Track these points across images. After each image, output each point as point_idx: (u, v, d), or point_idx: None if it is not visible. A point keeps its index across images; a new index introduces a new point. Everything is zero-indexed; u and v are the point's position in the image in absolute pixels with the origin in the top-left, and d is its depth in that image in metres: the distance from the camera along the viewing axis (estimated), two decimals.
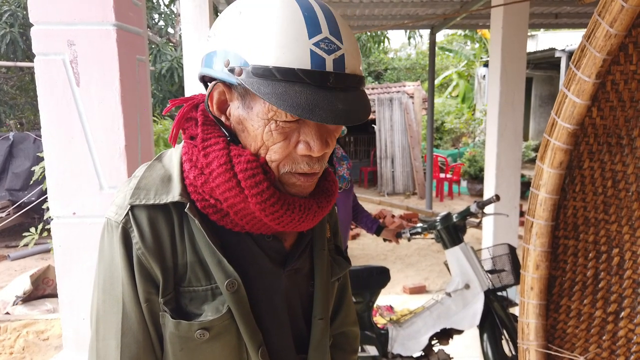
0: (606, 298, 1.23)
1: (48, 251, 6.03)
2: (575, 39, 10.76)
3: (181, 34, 5.46)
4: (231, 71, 0.66)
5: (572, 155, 1.23)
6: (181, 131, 0.78)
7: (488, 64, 5.51)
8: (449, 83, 15.71)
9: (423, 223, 2.67)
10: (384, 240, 2.88)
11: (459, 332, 2.56)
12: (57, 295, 1.63)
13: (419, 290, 4.59)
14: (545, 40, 12.74)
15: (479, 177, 9.25)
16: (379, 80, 18.18)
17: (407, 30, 12.29)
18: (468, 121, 12.48)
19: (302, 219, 0.72)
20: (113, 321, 0.74)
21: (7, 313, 4.11)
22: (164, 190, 0.73)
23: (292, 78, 0.63)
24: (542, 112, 13.49)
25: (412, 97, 10.52)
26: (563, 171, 1.23)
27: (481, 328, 2.45)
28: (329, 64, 0.64)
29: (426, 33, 10.38)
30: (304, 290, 0.86)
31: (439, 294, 2.65)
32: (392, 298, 4.39)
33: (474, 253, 2.53)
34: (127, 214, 0.72)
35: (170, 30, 11.01)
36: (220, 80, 0.70)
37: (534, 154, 11.12)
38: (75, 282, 1.57)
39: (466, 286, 2.46)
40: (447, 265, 2.59)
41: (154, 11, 10.94)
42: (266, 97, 0.62)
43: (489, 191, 3.82)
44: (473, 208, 2.51)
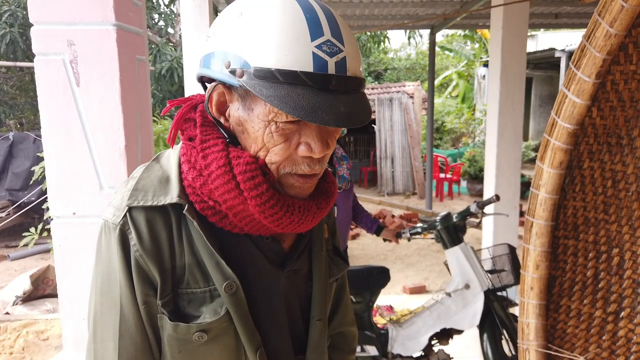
0: (606, 298, 1.23)
1: (48, 251, 6.03)
2: (575, 39, 10.76)
3: (181, 34, 5.47)
4: (232, 73, 0.65)
5: (572, 155, 1.23)
6: (179, 132, 0.78)
7: (488, 64, 5.51)
8: (448, 83, 15.71)
9: (423, 223, 2.68)
10: (384, 240, 2.88)
11: (459, 332, 2.56)
12: (57, 295, 1.63)
13: (419, 290, 4.59)
14: (545, 40, 12.74)
15: (479, 177, 9.25)
16: (379, 80, 18.18)
17: (407, 30, 12.29)
18: (468, 121, 12.48)
19: (302, 220, 0.72)
20: (110, 323, 0.73)
21: (7, 313, 4.11)
22: (162, 192, 0.73)
23: (295, 80, 0.62)
24: (542, 112, 13.49)
25: (412, 97, 10.52)
26: (563, 171, 1.23)
27: (481, 328, 2.45)
28: (331, 66, 0.64)
29: (426, 33, 10.38)
30: (302, 291, 0.86)
31: (439, 294, 2.65)
32: (392, 298, 4.39)
33: (474, 253, 2.53)
34: (125, 216, 0.71)
35: (170, 30, 11.02)
36: (220, 82, 0.69)
37: (534, 154, 11.12)
38: (75, 282, 1.57)
39: (466, 286, 2.46)
40: (447, 265, 2.59)
41: (154, 11, 10.94)
42: (268, 100, 0.62)
43: (489, 191, 3.82)
44: (473, 208, 2.51)
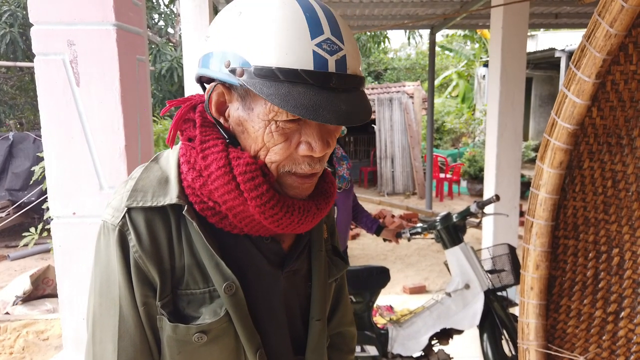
0: (606, 298, 1.23)
1: (48, 251, 6.03)
2: (575, 39, 10.76)
3: (181, 34, 5.47)
4: (232, 72, 0.65)
5: (572, 155, 1.23)
6: (179, 133, 0.77)
7: (488, 64, 5.51)
8: (448, 83, 15.71)
9: (423, 223, 2.68)
10: (384, 240, 2.88)
11: (459, 332, 2.56)
12: (57, 295, 1.63)
13: (419, 290, 4.59)
14: (545, 40, 12.74)
15: (479, 177, 9.25)
16: (378, 80, 18.17)
17: (407, 30, 12.29)
18: (468, 121, 12.49)
19: (302, 221, 0.72)
20: (110, 324, 0.73)
21: (7, 313, 4.11)
22: (161, 192, 0.73)
23: (295, 79, 0.62)
24: (542, 112, 13.49)
25: (412, 97, 10.52)
26: (563, 171, 1.23)
27: (481, 328, 2.45)
28: (332, 64, 0.64)
29: (426, 33, 10.37)
30: (301, 291, 0.86)
31: (439, 294, 2.65)
32: (392, 298, 4.39)
33: (474, 253, 2.54)
34: (124, 217, 0.71)
35: (170, 30, 11.02)
36: (219, 81, 0.69)
37: (534, 154, 11.12)
38: (75, 282, 1.57)
39: (466, 286, 2.46)
40: (447, 265, 2.59)
41: (154, 11, 10.95)
42: (269, 98, 0.62)
43: (489, 191, 3.82)
44: (473, 208, 2.51)
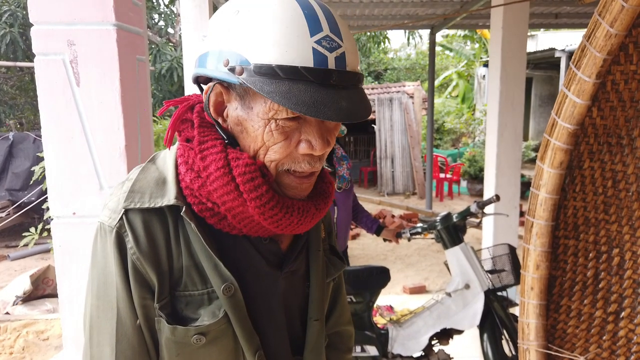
0: (606, 298, 1.23)
1: (48, 251, 6.03)
2: (575, 39, 10.76)
3: (181, 34, 5.47)
4: (231, 70, 0.65)
5: (572, 155, 1.23)
6: (177, 133, 0.76)
7: (488, 64, 5.51)
8: (449, 83, 15.71)
9: (423, 223, 2.68)
10: (384, 240, 2.89)
11: (459, 332, 2.56)
12: (57, 295, 1.63)
13: (419, 290, 4.59)
14: (545, 40, 12.75)
15: (479, 177, 9.25)
16: (379, 80, 18.17)
17: (407, 31, 12.29)
18: (468, 121, 12.48)
19: (301, 221, 0.72)
20: (107, 327, 0.73)
21: (7, 313, 4.11)
22: (159, 194, 0.72)
23: (296, 76, 0.62)
24: (542, 112, 13.49)
25: (412, 97, 10.52)
26: (563, 171, 1.23)
27: (481, 328, 2.45)
28: (331, 61, 0.64)
29: (426, 33, 10.37)
30: (300, 291, 0.85)
31: (439, 294, 2.65)
32: (392, 298, 4.39)
33: (474, 253, 2.53)
34: (122, 218, 0.70)
35: (170, 30, 11.02)
36: (218, 81, 0.69)
37: (534, 154, 11.12)
38: (75, 282, 1.56)
39: (466, 286, 2.46)
40: (447, 265, 2.59)
41: (154, 11, 10.94)
42: (269, 96, 0.62)
43: (489, 191, 3.82)
44: (473, 208, 2.51)
